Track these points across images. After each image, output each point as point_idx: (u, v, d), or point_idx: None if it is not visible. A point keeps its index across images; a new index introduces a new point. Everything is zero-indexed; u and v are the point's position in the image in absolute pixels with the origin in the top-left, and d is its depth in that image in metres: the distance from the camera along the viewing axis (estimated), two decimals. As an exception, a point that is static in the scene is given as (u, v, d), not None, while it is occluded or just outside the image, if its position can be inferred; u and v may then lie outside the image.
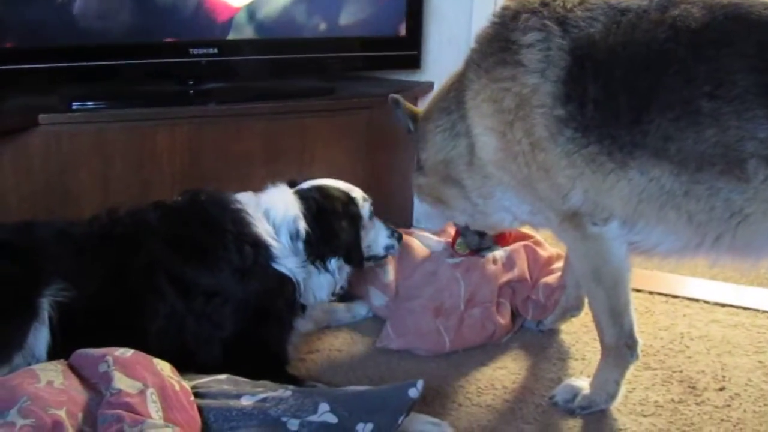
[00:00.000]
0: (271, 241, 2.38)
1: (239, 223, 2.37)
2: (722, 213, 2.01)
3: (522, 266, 2.83)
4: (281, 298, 2.38)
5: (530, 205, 2.35)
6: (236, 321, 2.32)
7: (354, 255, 2.50)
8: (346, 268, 2.55)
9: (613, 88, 2.05)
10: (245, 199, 2.45)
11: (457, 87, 2.41)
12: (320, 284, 2.50)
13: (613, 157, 2.06)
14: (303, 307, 2.48)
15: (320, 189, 2.53)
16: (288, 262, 2.39)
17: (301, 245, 2.41)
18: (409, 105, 2.70)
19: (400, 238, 2.71)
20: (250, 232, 2.37)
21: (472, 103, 2.31)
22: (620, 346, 2.28)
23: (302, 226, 2.41)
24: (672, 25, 2.00)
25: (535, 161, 2.18)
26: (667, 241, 2.15)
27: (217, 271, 2.31)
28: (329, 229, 2.45)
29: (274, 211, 2.44)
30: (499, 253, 2.86)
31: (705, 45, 1.97)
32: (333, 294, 2.57)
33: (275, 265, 2.37)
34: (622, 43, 2.05)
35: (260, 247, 2.36)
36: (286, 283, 2.38)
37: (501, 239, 2.95)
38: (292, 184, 2.57)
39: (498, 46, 2.23)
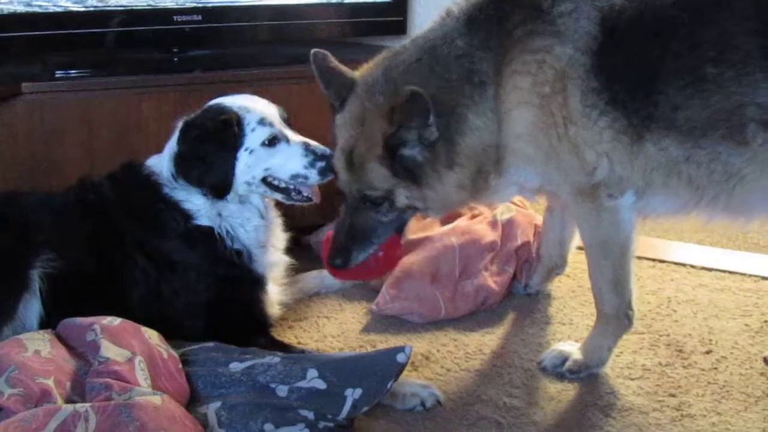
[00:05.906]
0: (179, 197, 2.30)
1: (154, 188, 2.32)
2: (721, 176, 2.03)
3: (527, 231, 2.86)
4: (216, 252, 2.31)
5: (542, 177, 2.27)
6: (206, 287, 2.30)
7: (210, 178, 2.27)
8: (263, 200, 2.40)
9: (631, 59, 2.03)
10: (154, 161, 2.39)
11: None
12: (244, 221, 2.35)
13: (636, 129, 2.05)
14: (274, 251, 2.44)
15: (207, 110, 2.36)
16: (196, 207, 2.30)
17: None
18: None
19: (325, 171, 2.29)
20: (163, 196, 2.32)
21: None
22: (620, 316, 2.29)
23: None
24: None
25: (567, 135, 2.12)
26: (667, 204, 2.16)
27: (168, 240, 2.29)
28: (189, 151, 2.28)
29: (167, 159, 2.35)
30: (503, 216, 2.87)
31: (705, 8, 1.96)
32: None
33: (195, 222, 2.31)
34: (639, 10, 2.03)
35: (177, 209, 2.30)
36: (211, 236, 2.30)
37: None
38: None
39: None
